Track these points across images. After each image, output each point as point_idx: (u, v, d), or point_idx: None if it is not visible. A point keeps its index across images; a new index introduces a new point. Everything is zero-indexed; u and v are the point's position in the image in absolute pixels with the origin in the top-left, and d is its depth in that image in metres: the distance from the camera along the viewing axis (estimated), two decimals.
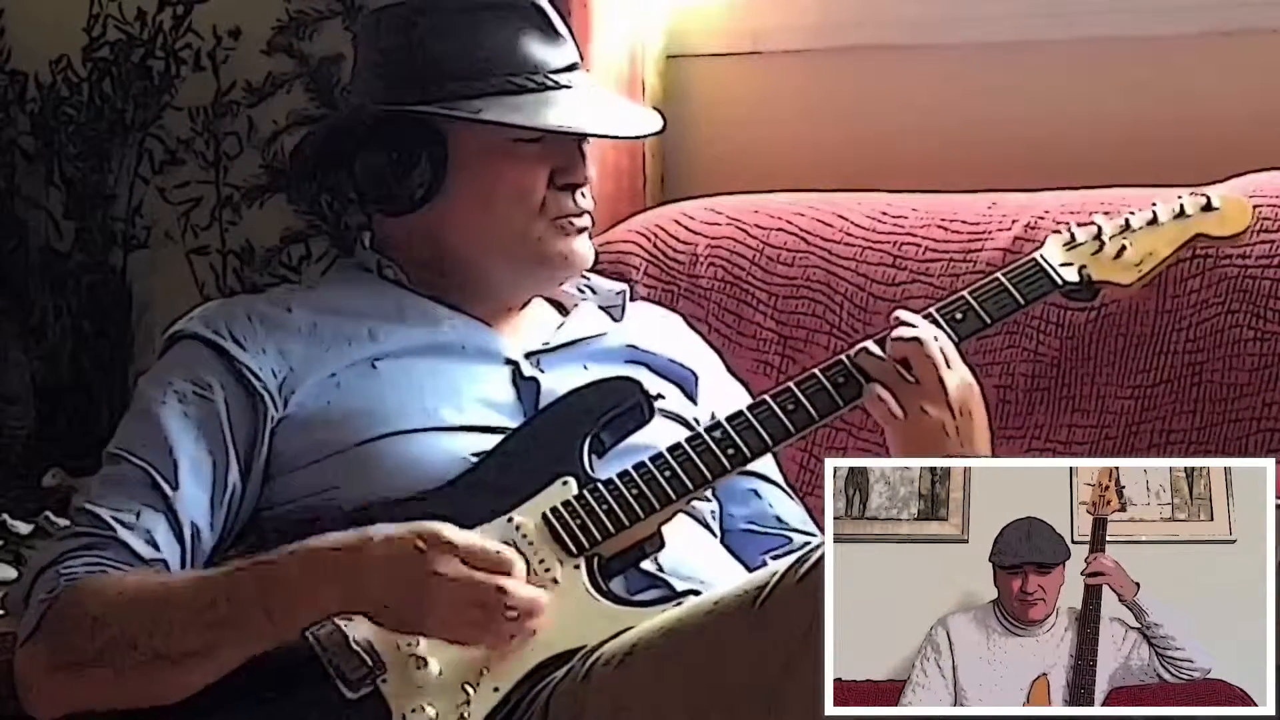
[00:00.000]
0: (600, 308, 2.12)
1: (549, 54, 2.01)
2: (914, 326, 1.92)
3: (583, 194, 2.02)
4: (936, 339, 1.91)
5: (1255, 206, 2.14)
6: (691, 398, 2.09)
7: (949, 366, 1.90)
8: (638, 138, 2.15)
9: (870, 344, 1.92)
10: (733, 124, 2.77)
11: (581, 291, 2.13)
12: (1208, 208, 2.01)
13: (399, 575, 1.73)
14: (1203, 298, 2.17)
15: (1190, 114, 2.48)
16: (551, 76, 2.00)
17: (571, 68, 2.02)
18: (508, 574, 1.74)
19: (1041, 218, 2.29)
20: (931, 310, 1.95)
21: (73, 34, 3.03)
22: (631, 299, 2.17)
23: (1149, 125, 2.50)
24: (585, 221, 2.03)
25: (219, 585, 1.78)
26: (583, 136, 2.01)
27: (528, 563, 1.81)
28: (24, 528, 2.57)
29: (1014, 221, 2.31)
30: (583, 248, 2.03)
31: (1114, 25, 2.54)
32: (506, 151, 1.98)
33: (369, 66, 2.06)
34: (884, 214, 2.41)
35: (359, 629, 1.76)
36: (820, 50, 2.73)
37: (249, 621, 1.74)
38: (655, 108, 2.68)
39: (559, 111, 1.98)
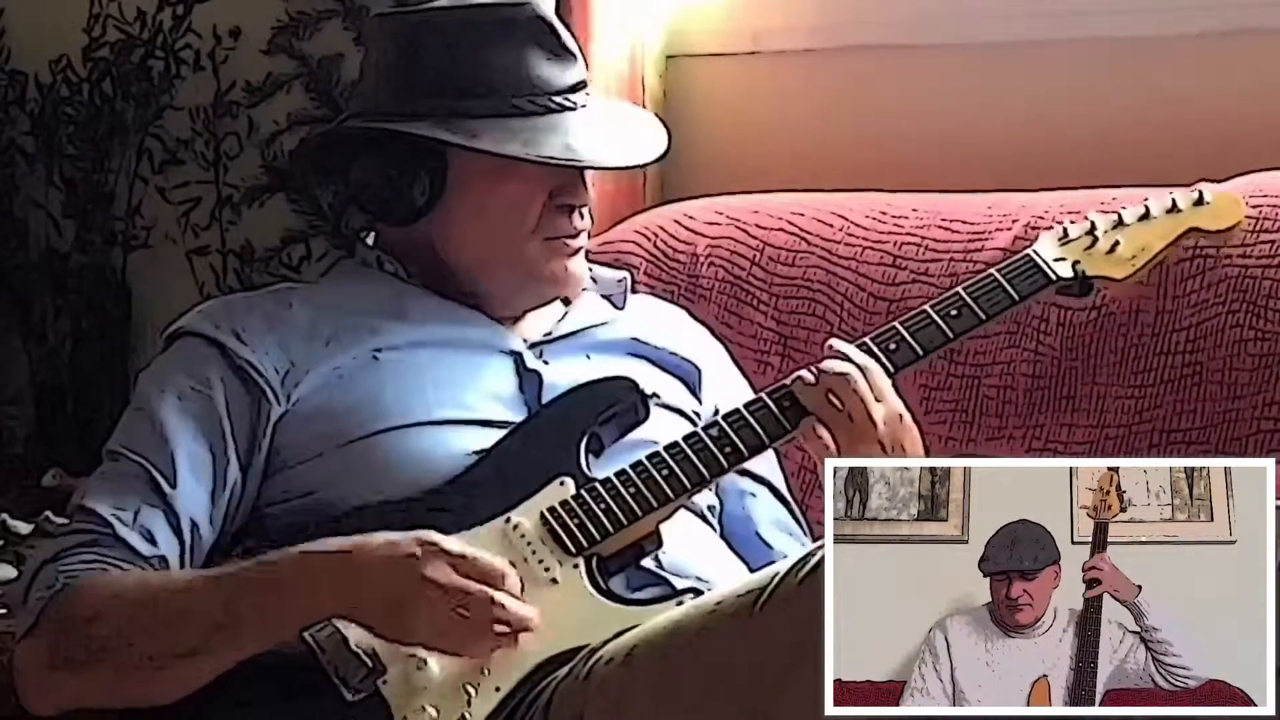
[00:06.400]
0: (602, 296, 2.12)
1: (555, 73, 1.98)
2: (845, 358, 1.91)
3: (580, 214, 2.00)
4: (866, 371, 1.90)
5: (1255, 206, 2.15)
6: (694, 392, 2.09)
7: (877, 400, 1.89)
8: (636, 167, 2.11)
9: (805, 372, 1.91)
10: (733, 124, 2.77)
11: None
12: (1200, 202, 2.02)
13: (391, 580, 1.73)
14: (1203, 298, 2.17)
15: (1190, 114, 2.48)
16: (555, 98, 1.97)
17: (579, 86, 2.00)
18: (499, 585, 1.74)
19: (1041, 218, 2.29)
20: (927, 308, 1.95)
21: (73, 34, 3.03)
22: (634, 290, 2.16)
23: (1149, 125, 2.50)
24: (581, 241, 2.01)
25: (214, 588, 1.78)
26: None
27: (526, 563, 1.82)
28: (24, 528, 2.57)
29: (1014, 221, 2.31)
30: (577, 268, 2.02)
31: (1114, 25, 2.55)
32: (505, 171, 1.96)
33: (373, 71, 2.04)
34: (884, 214, 2.41)
35: (358, 630, 1.76)
36: (820, 50, 2.73)
37: (243, 625, 1.74)
38: (655, 108, 2.69)
39: (558, 138, 1.95)
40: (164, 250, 3.04)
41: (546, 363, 2.01)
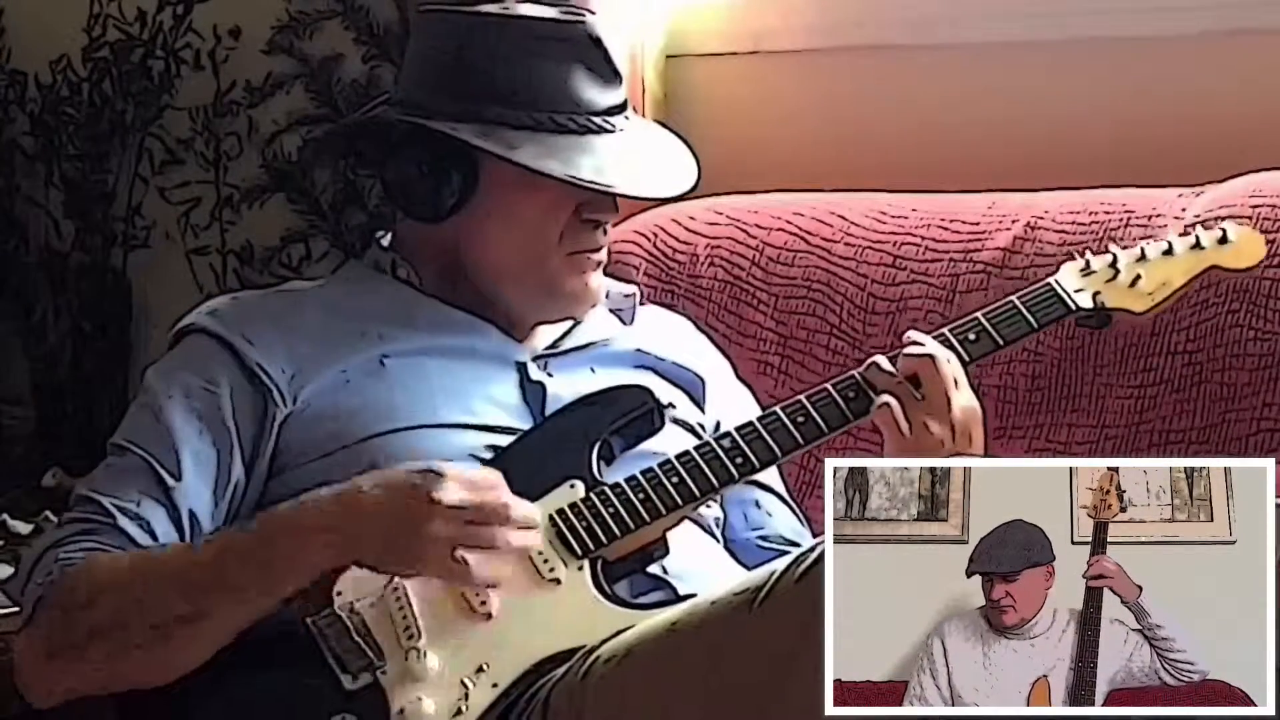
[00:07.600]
0: (610, 310, 2.12)
1: (598, 94, 1.98)
2: (924, 345, 1.92)
3: (604, 230, 2.01)
4: (949, 360, 1.91)
5: (1255, 207, 2.15)
6: (699, 403, 2.09)
7: (957, 388, 1.91)
8: (664, 201, 2.13)
9: (881, 359, 1.92)
10: (733, 124, 2.76)
11: None
12: (1223, 240, 2.01)
13: (396, 511, 1.74)
14: (1203, 298, 2.17)
15: (1190, 114, 2.48)
16: (595, 119, 1.97)
17: (620, 108, 2.00)
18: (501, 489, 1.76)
19: (1041, 218, 2.30)
20: (945, 330, 1.95)
21: (73, 34, 3.03)
22: (640, 302, 2.17)
23: (1149, 125, 2.50)
24: (602, 256, 2.02)
25: (209, 548, 1.79)
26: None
27: (531, 562, 1.82)
28: (24, 528, 2.57)
29: (1014, 221, 2.31)
30: (595, 284, 2.02)
31: (1114, 25, 2.54)
32: (537, 182, 1.95)
33: (417, 63, 2.04)
34: (884, 214, 2.41)
35: (360, 619, 1.77)
36: (820, 50, 2.73)
37: (241, 581, 1.75)
38: (655, 108, 2.69)
39: (594, 162, 1.95)
40: (164, 250, 3.04)
41: (551, 375, 2.01)
